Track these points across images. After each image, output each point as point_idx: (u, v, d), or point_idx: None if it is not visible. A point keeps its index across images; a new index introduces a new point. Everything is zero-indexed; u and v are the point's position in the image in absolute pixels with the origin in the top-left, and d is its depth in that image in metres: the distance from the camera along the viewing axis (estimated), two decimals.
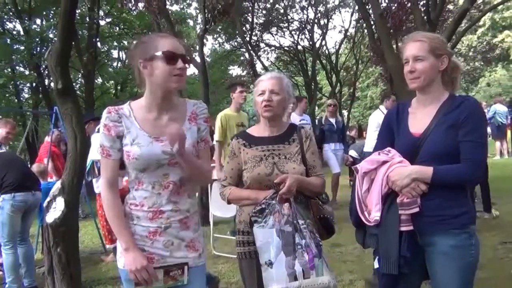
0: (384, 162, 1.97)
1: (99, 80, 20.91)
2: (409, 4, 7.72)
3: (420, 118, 2.01)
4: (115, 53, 22.40)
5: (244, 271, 2.40)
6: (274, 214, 2.16)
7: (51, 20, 16.13)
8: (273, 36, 19.82)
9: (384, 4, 11.45)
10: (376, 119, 6.35)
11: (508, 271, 4.02)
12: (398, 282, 1.98)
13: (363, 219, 1.99)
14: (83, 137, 3.85)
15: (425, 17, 6.55)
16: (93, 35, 15.95)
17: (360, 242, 2.13)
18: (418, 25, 6.13)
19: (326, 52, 20.61)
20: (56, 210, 3.76)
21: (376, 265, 2.01)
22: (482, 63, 23.54)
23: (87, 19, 16.13)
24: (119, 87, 22.31)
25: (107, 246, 5.72)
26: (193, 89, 20.22)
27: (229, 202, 2.47)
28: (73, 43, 14.04)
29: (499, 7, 27.19)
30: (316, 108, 29.65)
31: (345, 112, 20.34)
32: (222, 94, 23.80)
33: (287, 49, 20.39)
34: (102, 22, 18.09)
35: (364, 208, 2.00)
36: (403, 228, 1.90)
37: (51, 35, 15.40)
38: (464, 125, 1.88)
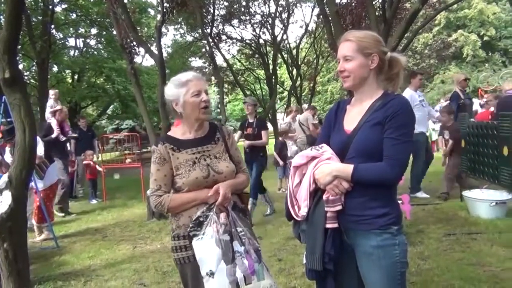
0: (314, 158, 1.97)
1: (55, 68, 20.23)
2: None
3: (353, 116, 2.02)
4: (71, 41, 21.77)
5: (188, 275, 2.27)
6: (212, 225, 2.16)
7: (2, 5, 15.43)
8: (234, 29, 19.65)
9: (344, 0, 11.56)
10: None
11: (451, 261, 4.22)
12: (327, 281, 1.97)
13: (292, 213, 2.00)
14: (32, 129, 3.69)
15: (382, 15, 6.67)
16: (47, 21, 15.35)
17: (296, 235, 2.14)
18: (373, 23, 6.22)
19: (288, 46, 20.68)
20: (2, 204, 3.63)
21: (304, 260, 2.03)
22: (437, 61, 24.31)
23: (41, 5, 15.53)
24: (76, 77, 21.68)
25: (34, 223, 6.29)
26: (152, 80, 19.93)
27: (168, 211, 2.31)
28: (25, 29, 13.62)
29: (454, 7, 28.26)
30: (278, 101, 29.85)
31: (305, 106, 20.56)
32: None
33: (249, 42, 20.29)
34: (57, 9, 17.47)
35: (295, 202, 2.00)
36: (328, 226, 1.89)
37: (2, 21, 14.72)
38: (389, 122, 1.87)
